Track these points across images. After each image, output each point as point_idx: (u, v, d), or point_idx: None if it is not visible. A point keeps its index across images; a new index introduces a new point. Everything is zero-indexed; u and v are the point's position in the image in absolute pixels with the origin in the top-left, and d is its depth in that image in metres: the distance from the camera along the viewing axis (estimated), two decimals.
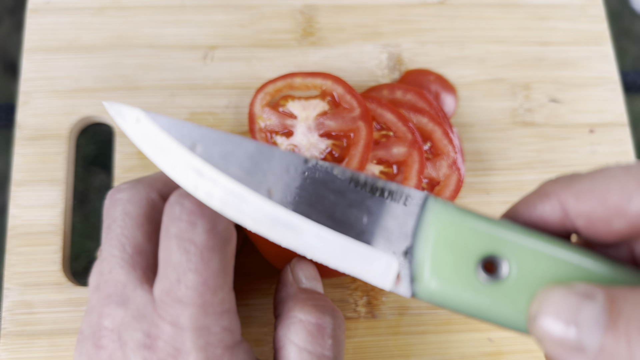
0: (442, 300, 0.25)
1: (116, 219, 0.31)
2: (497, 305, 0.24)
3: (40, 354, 0.40)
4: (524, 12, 0.52)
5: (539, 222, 0.26)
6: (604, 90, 0.50)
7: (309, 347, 0.30)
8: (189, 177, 0.28)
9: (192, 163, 0.28)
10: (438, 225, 0.24)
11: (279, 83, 0.45)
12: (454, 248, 0.24)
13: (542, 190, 0.26)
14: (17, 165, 0.44)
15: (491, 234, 0.24)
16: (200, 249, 0.28)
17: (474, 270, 0.24)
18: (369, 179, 0.26)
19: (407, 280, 0.25)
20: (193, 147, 0.28)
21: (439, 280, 0.24)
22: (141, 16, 0.49)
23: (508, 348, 0.42)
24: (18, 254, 0.42)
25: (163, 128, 0.28)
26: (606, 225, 0.24)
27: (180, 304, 0.28)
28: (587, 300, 0.21)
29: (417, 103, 0.45)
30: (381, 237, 0.25)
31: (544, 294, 0.22)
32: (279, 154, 0.27)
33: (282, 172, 0.27)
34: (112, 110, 0.30)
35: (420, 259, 0.25)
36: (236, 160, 0.27)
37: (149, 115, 0.29)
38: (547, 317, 0.22)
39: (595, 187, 0.24)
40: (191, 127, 0.28)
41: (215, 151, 0.28)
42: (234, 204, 0.27)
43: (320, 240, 0.26)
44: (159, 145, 0.28)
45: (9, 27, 0.68)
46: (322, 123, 0.44)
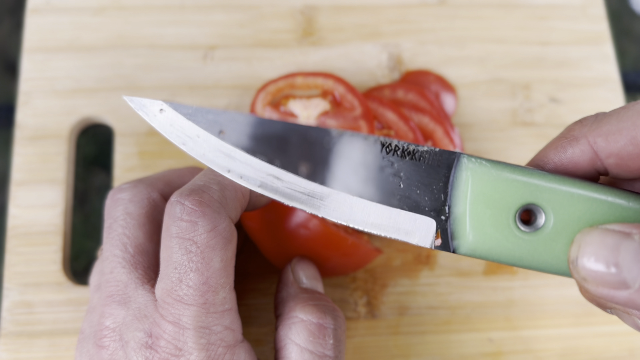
0: (483, 254, 0.25)
1: (117, 218, 0.31)
2: (538, 253, 0.25)
3: (40, 353, 0.40)
4: (524, 12, 0.52)
5: (569, 165, 0.26)
6: (604, 90, 0.50)
7: (310, 347, 0.30)
8: (220, 162, 0.28)
9: (222, 148, 0.28)
10: (473, 181, 0.25)
11: (280, 83, 0.45)
12: (490, 202, 0.25)
13: (569, 134, 0.26)
14: (17, 165, 0.44)
15: (526, 185, 0.25)
16: (202, 248, 0.28)
17: (512, 221, 0.25)
18: (400, 143, 0.26)
19: (447, 237, 0.25)
20: (220, 132, 0.28)
21: (478, 235, 0.25)
22: (141, 16, 0.49)
23: (508, 348, 0.42)
24: (18, 254, 0.42)
25: (188, 116, 0.29)
26: (637, 161, 0.25)
27: (181, 303, 0.28)
28: (625, 239, 0.22)
29: (419, 102, 0.45)
30: (418, 199, 0.26)
31: (582, 237, 0.23)
32: (307, 130, 0.27)
33: (312, 147, 0.27)
34: (134, 104, 0.30)
35: (458, 215, 0.25)
36: (266, 141, 0.27)
37: (171, 106, 0.29)
38: (587, 259, 0.22)
39: (623, 125, 0.24)
40: (215, 112, 0.29)
41: (243, 134, 0.28)
42: (269, 184, 0.27)
43: (359, 209, 0.26)
44: (186, 133, 0.28)
45: (9, 27, 0.68)
46: (323, 122, 0.44)
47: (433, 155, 0.26)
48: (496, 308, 0.43)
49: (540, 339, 0.43)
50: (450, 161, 0.26)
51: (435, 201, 0.26)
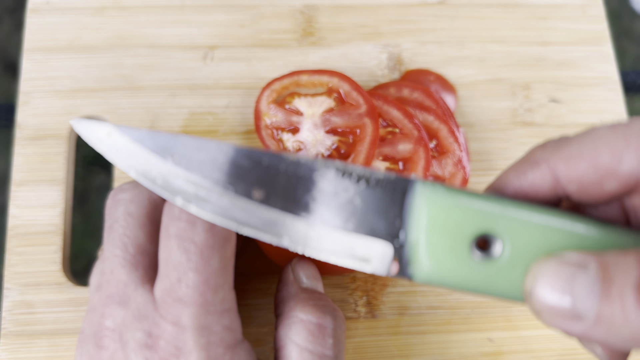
0: (438, 281, 0.25)
1: (118, 218, 0.31)
2: (495, 282, 0.24)
3: (40, 354, 0.40)
4: (524, 12, 0.52)
5: (529, 190, 0.25)
6: (604, 90, 0.50)
7: (310, 347, 0.30)
8: (170, 189, 0.27)
9: (172, 173, 0.27)
10: (429, 208, 0.24)
11: (285, 81, 0.45)
12: (446, 230, 0.24)
13: (531, 158, 0.25)
14: (17, 165, 0.44)
15: (483, 213, 0.24)
16: (200, 248, 0.28)
17: (469, 250, 0.24)
18: (355, 169, 0.26)
19: (402, 264, 0.25)
20: (169, 156, 0.27)
21: (434, 262, 0.24)
22: (141, 16, 0.49)
23: (508, 348, 0.42)
24: (18, 254, 0.42)
25: (136, 140, 0.28)
26: (598, 187, 0.24)
27: (181, 303, 0.28)
28: (580, 270, 0.21)
29: (424, 101, 0.45)
30: (372, 225, 0.25)
31: (538, 268, 0.23)
32: (258, 155, 0.26)
33: (267, 173, 0.26)
34: (80, 128, 0.29)
35: (413, 243, 0.25)
36: (218, 166, 0.27)
37: (119, 129, 0.28)
38: (542, 290, 0.22)
39: (584, 150, 0.24)
40: (165, 136, 0.28)
41: (194, 158, 0.27)
42: (221, 212, 0.27)
43: (314, 236, 0.26)
44: (135, 158, 0.28)
45: (9, 27, 0.68)
46: (328, 119, 0.44)
47: (389, 182, 0.25)
48: (496, 308, 0.43)
49: (540, 339, 0.43)
50: (405, 187, 0.25)
51: (391, 227, 0.25)
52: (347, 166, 0.26)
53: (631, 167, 0.23)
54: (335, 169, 0.26)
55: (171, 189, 0.27)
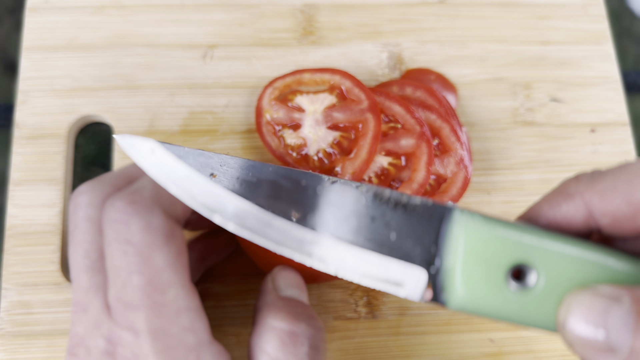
0: (473, 309, 0.25)
1: (78, 224, 0.30)
2: (528, 312, 0.24)
3: (38, 354, 0.40)
4: (524, 12, 0.52)
5: (563, 222, 0.26)
6: (605, 90, 0.50)
7: (281, 356, 0.29)
8: (210, 206, 0.28)
9: (214, 192, 0.28)
10: (466, 237, 0.25)
11: (288, 79, 0.45)
12: (483, 259, 0.24)
13: (565, 190, 0.26)
14: (15, 165, 0.44)
15: (519, 243, 0.24)
16: (139, 248, 0.27)
17: (504, 280, 0.24)
18: (393, 194, 0.26)
19: (436, 290, 0.25)
20: (212, 175, 0.28)
21: (469, 291, 0.25)
22: (140, 15, 0.49)
23: (509, 348, 0.42)
24: (16, 254, 0.42)
25: (179, 157, 0.28)
26: (631, 222, 0.24)
27: (131, 308, 0.27)
28: (614, 303, 0.22)
29: (427, 100, 0.45)
30: (407, 251, 0.25)
31: (571, 299, 0.23)
32: (299, 175, 0.27)
33: (305, 194, 0.27)
34: (123, 143, 0.29)
35: (449, 270, 0.25)
36: (259, 186, 0.27)
37: (163, 146, 0.29)
38: (575, 322, 0.22)
39: (619, 185, 0.24)
40: (207, 155, 0.28)
41: (235, 177, 0.28)
42: (261, 230, 0.27)
43: (349, 258, 0.26)
44: (177, 175, 0.28)
45: (9, 27, 0.68)
46: (330, 115, 0.44)
47: (425, 208, 0.26)
48: None
49: (541, 339, 0.42)
50: (442, 214, 0.25)
51: (426, 253, 0.25)
52: (384, 191, 0.26)
53: None
54: (373, 194, 0.26)
55: (211, 207, 0.28)
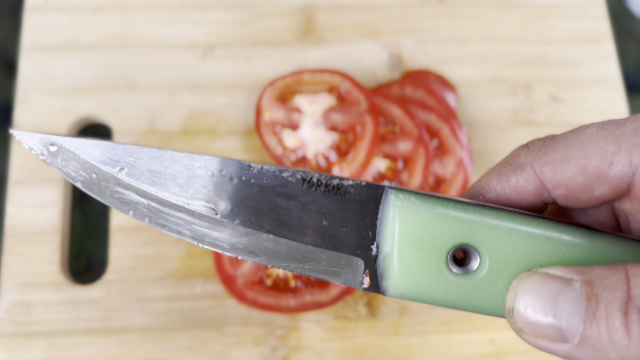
0: (414, 297, 0.23)
1: None
2: (472, 297, 0.23)
3: (38, 354, 0.40)
4: (524, 11, 0.52)
5: (512, 195, 0.24)
6: (605, 89, 0.50)
7: None
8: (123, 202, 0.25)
9: (123, 190, 0.25)
10: (401, 220, 0.23)
11: (288, 79, 0.45)
12: (419, 244, 0.23)
13: (514, 161, 0.24)
14: (15, 165, 0.44)
15: (459, 223, 0.22)
16: None
17: (444, 264, 0.23)
18: (323, 177, 0.24)
19: (377, 278, 0.23)
20: (119, 167, 0.25)
21: (408, 277, 0.23)
22: (140, 15, 0.49)
23: (509, 348, 0.42)
24: (16, 254, 0.42)
25: (83, 151, 0.25)
26: (587, 192, 0.22)
27: None
28: (565, 287, 0.20)
29: (427, 100, 0.45)
30: (343, 238, 0.24)
31: (519, 284, 0.21)
32: (220, 164, 0.24)
33: (225, 183, 0.24)
34: (22, 139, 0.26)
35: (386, 256, 0.23)
36: (173, 177, 0.24)
37: (63, 139, 0.25)
38: (524, 309, 0.21)
39: (572, 154, 0.22)
40: (112, 146, 0.25)
41: (146, 169, 0.25)
42: (174, 226, 0.24)
43: (280, 252, 0.24)
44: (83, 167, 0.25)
45: (9, 27, 0.68)
46: (328, 117, 0.44)
47: (358, 189, 0.23)
48: None
49: None
50: (378, 196, 0.23)
51: (363, 239, 0.23)
52: (314, 175, 0.24)
53: (622, 171, 0.21)
54: (301, 178, 0.24)
55: (123, 202, 0.25)
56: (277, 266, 0.24)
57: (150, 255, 0.42)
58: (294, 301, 0.40)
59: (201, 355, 0.40)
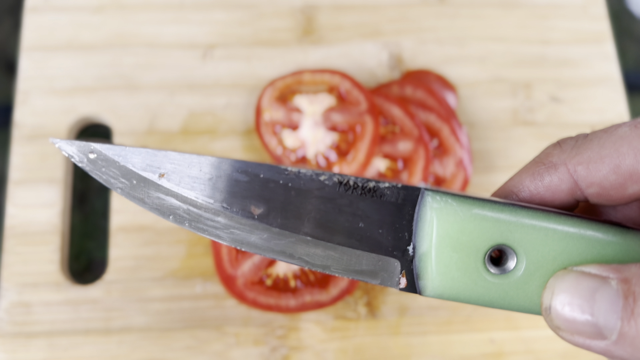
0: (451, 296, 0.24)
1: None
2: (510, 296, 0.23)
3: (38, 354, 0.40)
4: (524, 11, 0.52)
5: (546, 194, 0.24)
6: (605, 89, 0.50)
7: None
8: (162, 209, 0.25)
9: (164, 191, 0.25)
10: (438, 222, 0.23)
11: (288, 79, 0.45)
12: (457, 245, 0.23)
13: (547, 160, 0.24)
14: (15, 165, 0.44)
15: (495, 224, 0.23)
16: None
17: (482, 265, 0.23)
18: (359, 180, 0.24)
19: (413, 278, 0.24)
20: (159, 173, 0.25)
21: (445, 277, 0.23)
22: (140, 15, 0.49)
23: (509, 348, 0.42)
24: (16, 254, 0.42)
25: (123, 158, 0.25)
26: (620, 190, 0.23)
27: None
28: (602, 285, 0.20)
29: (427, 100, 0.45)
30: (380, 240, 0.24)
31: (556, 283, 0.21)
32: (256, 168, 0.25)
33: (263, 187, 0.24)
34: (61, 147, 0.25)
35: (423, 257, 0.23)
36: (213, 182, 0.25)
37: (103, 147, 0.25)
38: (561, 307, 0.21)
39: (605, 153, 0.22)
40: (152, 152, 0.25)
41: (185, 175, 0.25)
42: (218, 234, 0.25)
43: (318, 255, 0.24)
44: (123, 175, 0.25)
45: (8, 27, 0.68)
46: (328, 117, 0.44)
47: (395, 192, 0.24)
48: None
49: (541, 339, 0.42)
50: (414, 198, 0.24)
51: (399, 240, 0.24)
52: (350, 178, 0.24)
53: None
54: (337, 181, 0.24)
55: (162, 210, 0.25)
56: (314, 268, 0.24)
57: (150, 255, 0.42)
58: (294, 301, 0.40)
59: (201, 355, 0.40)
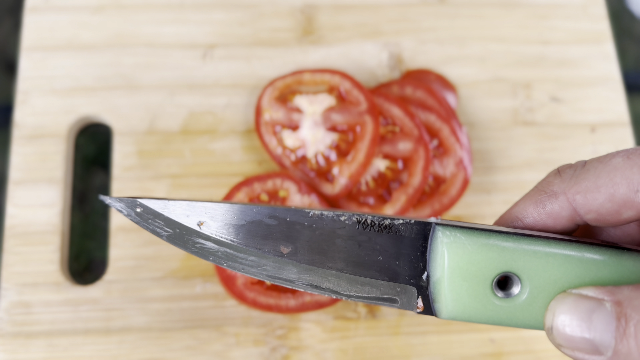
0: (463, 318, 0.26)
1: None
2: (516, 317, 0.25)
3: (38, 354, 0.40)
4: (524, 11, 0.52)
5: (548, 220, 0.26)
6: (605, 89, 0.50)
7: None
8: (201, 254, 0.28)
9: (203, 241, 0.28)
10: (449, 252, 0.25)
11: (288, 79, 0.45)
12: (467, 272, 0.25)
13: (549, 189, 0.26)
14: (15, 165, 0.44)
15: (502, 252, 0.25)
16: None
17: (490, 290, 0.25)
18: (376, 218, 0.27)
19: (429, 302, 0.26)
20: (199, 223, 0.28)
21: (457, 302, 0.26)
22: (140, 15, 0.49)
23: (509, 348, 0.42)
24: (16, 254, 0.42)
25: (163, 209, 0.29)
26: (615, 216, 0.25)
27: None
28: (597, 306, 0.23)
29: (427, 100, 0.45)
30: (397, 270, 0.27)
31: (556, 305, 0.24)
32: (282, 212, 0.27)
33: (290, 229, 0.27)
34: (110, 203, 0.29)
35: (437, 284, 0.26)
36: (246, 227, 0.28)
37: (148, 202, 0.29)
38: (562, 327, 0.23)
39: (601, 182, 0.25)
40: (192, 204, 0.29)
41: (222, 222, 0.28)
42: (253, 271, 0.28)
43: (343, 285, 0.27)
44: (167, 225, 0.29)
45: (9, 27, 0.68)
46: (328, 117, 0.44)
47: (409, 227, 0.27)
48: None
49: (541, 339, 0.42)
50: (426, 232, 0.26)
51: (415, 270, 0.26)
52: (367, 217, 0.27)
53: None
54: (356, 220, 0.27)
55: (202, 254, 0.28)
56: (340, 297, 0.27)
57: (150, 255, 0.42)
58: (293, 301, 0.40)
59: (201, 355, 0.40)
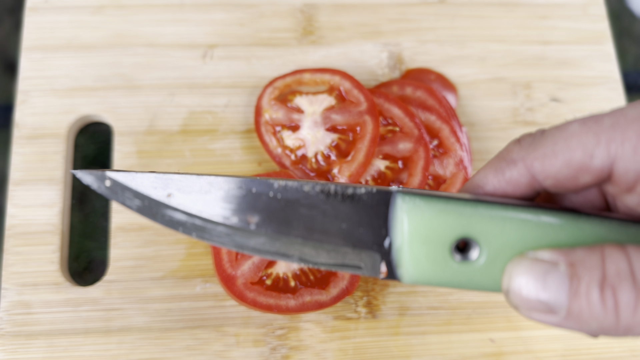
0: (425, 282, 0.27)
1: None
2: (476, 280, 0.26)
3: (38, 354, 0.40)
4: (524, 11, 0.52)
5: (508, 187, 0.27)
6: (605, 89, 0.50)
7: None
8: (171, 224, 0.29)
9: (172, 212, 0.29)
10: (409, 219, 0.26)
11: (288, 79, 0.45)
12: (427, 238, 0.26)
13: (508, 156, 0.27)
14: (15, 165, 0.44)
15: (460, 218, 0.26)
16: None
17: (448, 255, 0.26)
18: (339, 188, 0.28)
19: (391, 267, 0.27)
20: (166, 193, 0.29)
21: (418, 266, 0.26)
22: (140, 15, 0.49)
23: (509, 348, 0.42)
24: (16, 254, 0.42)
25: (131, 184, 0.29)
26: (573, 181, 0.25)
27: None
28: (551, 268, 0.23)
29: (427, 100, 0.45)
30: (360, 237, 0.27)
31: (512, 268, 0.25)
32: (248, 183, 0.28)
33: (256, 200, 0.28)
34: (81, 177, 0.30)
35: (399, 249, 0.27)
36: (211, 200, 0.29)
37: (117, 174, 0.30)
38: (518, 289, 0.24)
39: (558, 148, 0.25)
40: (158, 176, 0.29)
41: (189, 193, 0.29)
42: (222, 241, 0.28)
43: (308, 252, 0.28)
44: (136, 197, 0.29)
45: (8, 27, 0.68)
46: (328, 117, 0.44)
47: (371, 196, 0.27)
48: (497, 308, 0.43)
49: (541, 339, 0.42)
50: (387, 200, 0.27)
51: (378, 236, 0.27)
52: (330, 186, 0.28)
53: (602, 163, 0.24)
54: (320, 190, 0.28)
55: (171, 224, 0.29)
56: (307, 264, 0.28)
57: (150, 255, 0.42)
58: (293, 301, 0.40)
59: (201, 355, 0.40)
